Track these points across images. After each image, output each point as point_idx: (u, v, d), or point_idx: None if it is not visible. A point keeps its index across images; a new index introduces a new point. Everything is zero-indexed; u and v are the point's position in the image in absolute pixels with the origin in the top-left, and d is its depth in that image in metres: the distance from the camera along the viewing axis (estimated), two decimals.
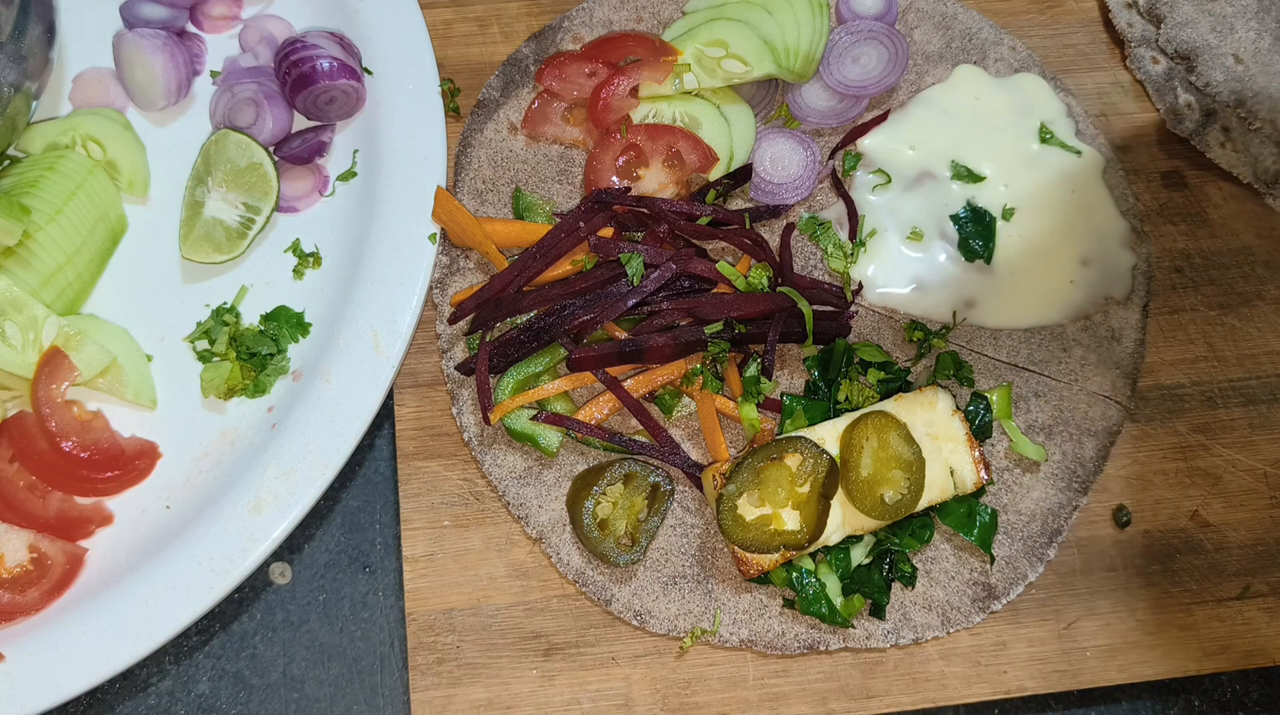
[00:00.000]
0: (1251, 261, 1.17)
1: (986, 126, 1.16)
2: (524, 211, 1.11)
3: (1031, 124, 1.16)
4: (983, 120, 1.16)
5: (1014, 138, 1.16)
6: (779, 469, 0.96)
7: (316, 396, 1.03)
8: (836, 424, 0.99)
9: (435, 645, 1.01)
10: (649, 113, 1.12)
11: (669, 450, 1.03)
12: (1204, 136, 1.19)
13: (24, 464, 1.02)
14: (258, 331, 1.08)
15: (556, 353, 1.05)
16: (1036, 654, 1.03)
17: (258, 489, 1.00)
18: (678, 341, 1.02)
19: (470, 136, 1.15)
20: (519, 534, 1.04)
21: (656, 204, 1.07)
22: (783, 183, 1.13)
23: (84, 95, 1.16)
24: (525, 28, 1.21)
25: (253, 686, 1.03)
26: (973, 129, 1.16)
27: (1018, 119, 1.16)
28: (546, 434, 1.04)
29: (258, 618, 1.05)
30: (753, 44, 1.12)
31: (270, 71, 1.15)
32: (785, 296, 1.04)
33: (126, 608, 0.97)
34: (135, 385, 1.06)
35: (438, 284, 1.10)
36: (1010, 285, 1.11)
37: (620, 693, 1.00)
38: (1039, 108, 1.17)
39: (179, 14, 1.18)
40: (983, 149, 1.15)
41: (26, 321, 1.02)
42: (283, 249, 1.12)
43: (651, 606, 1.01)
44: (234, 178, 1.11)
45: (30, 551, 1.00)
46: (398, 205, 1.09)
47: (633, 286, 1.03)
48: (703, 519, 1.04)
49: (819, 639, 1.00)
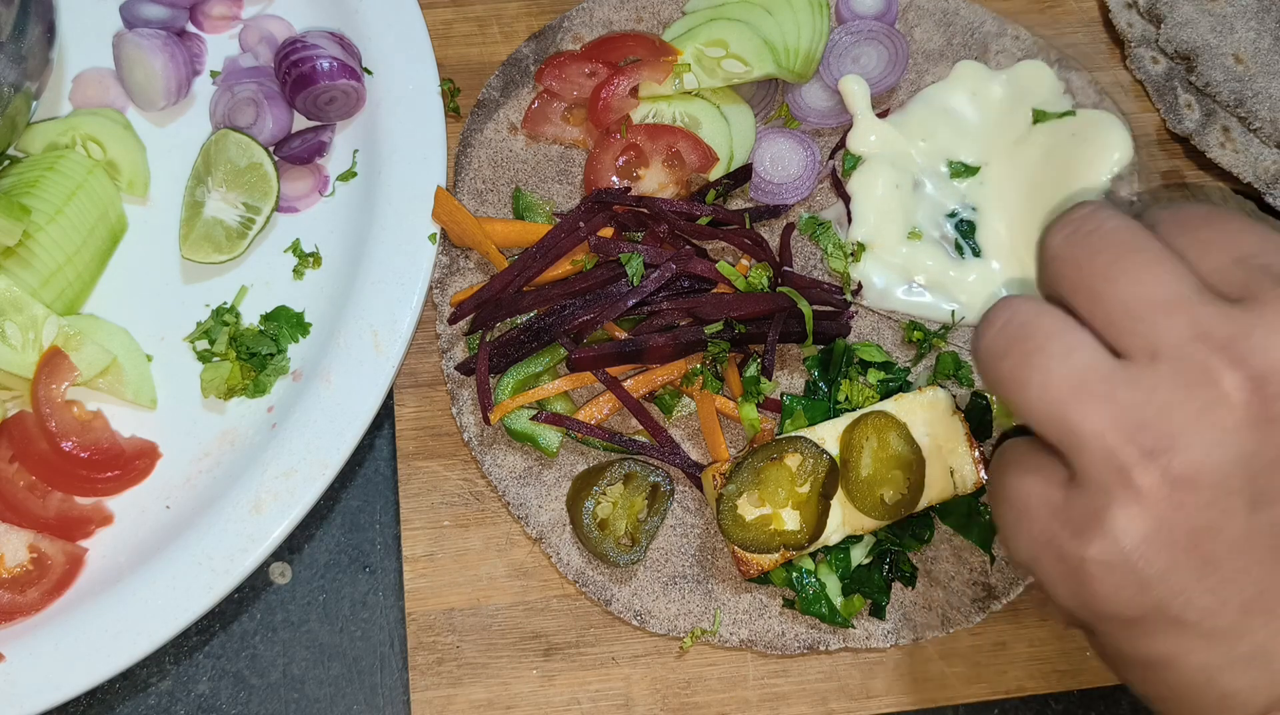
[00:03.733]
0: None
1: (983, 121, 1.15)
2: (524, 211, 1.11)
3: (1027, 110, 1.15)
4: (979, 115, 1.16)
5: (1009, 128, 1.15)
6: (779, 469, 0.96)
7: (316, 396, 1.03)
8: (836, 424, 0.99)
9: (435, 645, 1.01)
10: (649, 113, 1.12)
11: (669, 450, 1.03)
12: (1204, 136, 1.19)
13: (24, 464, 1.02)
14: (258, 331, 1.08)
15: (556, 353, 1.05)
16: (1036, 654, 1.03)
17: (258, 489, 1.00)
18: (678, 341, 1.02)
19: (470, 136, 1.15)
20: (519, 534, 1.04)
21: (656, 204, 1.07)
22: (783, 183, 1.13)
23: (84, 95, 1.16)
24: (525, 28, 1.21)
25: (253, 686, 1.03)
26: (969, 125, 1.15)
27: (1014, 108, 1.16)
28: (546, 434, 1.04)
29: (258, 618, 1.05)
30: (753, 44, 1.12)
31: (270, 71, 1.15)
32: (785, 296, 1.04)
33: (126, 608, 0.97)
34: (135, 385, 1.06)
35: (438, 284, 1.10)
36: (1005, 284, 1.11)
37: (620, 693, 1.00)
38: (1034, 92, 1.16)
39: (179, 14, 1.18)
40: (978, 145, 1.15)
41: (26, 321, 1.02)
42: (283, 249, 1.12)
43: (651, 606, 1.01)
44: (234, 178, 1.11)
45: (30, 551, 1.00)
46: (398, 205, 1.09)
47: (633, 286, 1.03)
48: (703, 519, 1.04)
49: (819, 639, 1.00)
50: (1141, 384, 0.70)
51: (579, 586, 1.02)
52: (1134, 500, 0.69)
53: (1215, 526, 0.68)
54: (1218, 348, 0.68)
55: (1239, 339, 0.68)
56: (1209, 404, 0.68)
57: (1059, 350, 0.73)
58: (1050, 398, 0.72)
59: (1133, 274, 0.72)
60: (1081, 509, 0.72)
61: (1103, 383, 0.71)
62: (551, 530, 1.02)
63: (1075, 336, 0.73)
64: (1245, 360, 0.68)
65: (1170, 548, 0.69)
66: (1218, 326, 0.69)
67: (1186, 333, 0.70)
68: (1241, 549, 0.68)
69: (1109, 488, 0.70)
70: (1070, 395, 0.72)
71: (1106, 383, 0.71)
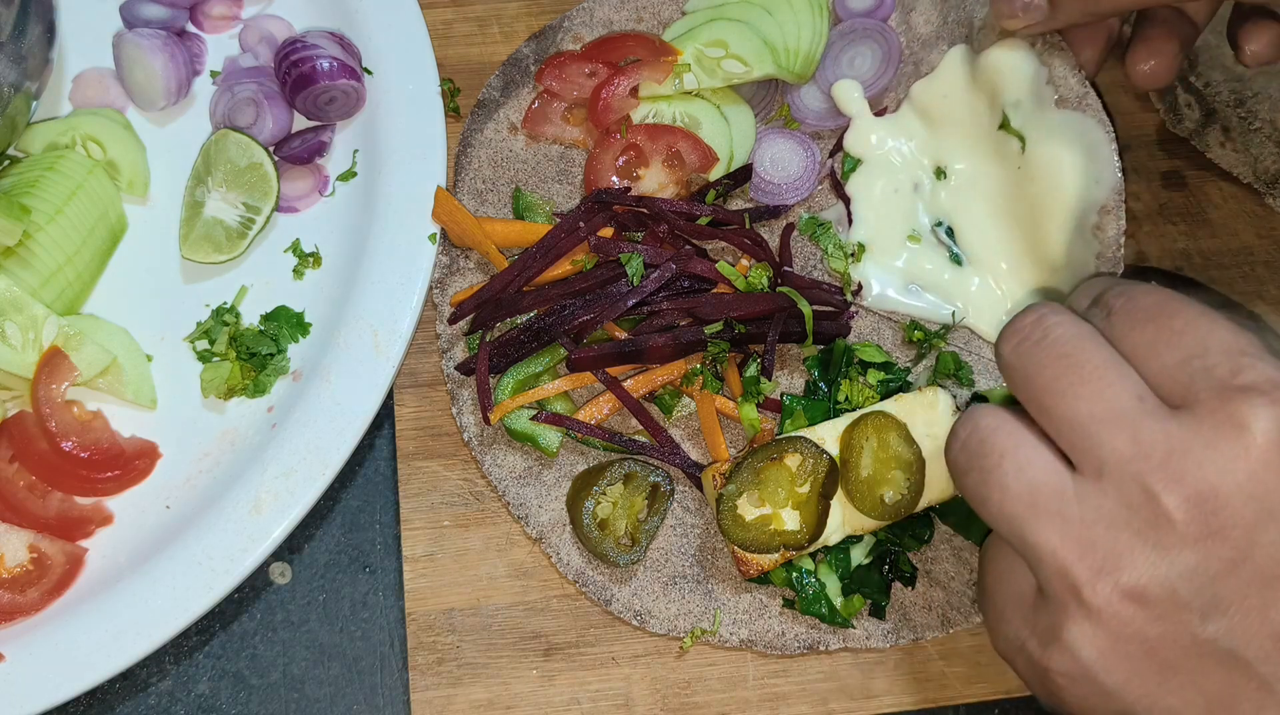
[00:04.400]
0: (1251, 261, 1.17)
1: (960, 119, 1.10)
2: (524, 211, 1.11)
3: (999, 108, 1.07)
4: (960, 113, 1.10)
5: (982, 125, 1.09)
6: (779, 469, 0.96)
7: (316, 396, 1.03)
8: (836, 424, 0.99)
9: (435, 645, 1.01)
10: (649, 113, 1.12)
11: (669, 450, 1.03)
12: (1204, 136, 1.19)
13: (24, 464, 1.02)
14: (258, 331, 1.08)
15: (556, 353, 1.05)
16: None
17: (258, 489, 1.00)
18: (678, 341, 1.02)
19: (470, 136, 1.15)
20: (519, 534, 1.04)
21: (656, 204, 1.07)
22: (783, 183, 1.13)
23: (84, 95, 1.16)
24: (525, 28, 1.21)
25: (253, 686, 1.03)
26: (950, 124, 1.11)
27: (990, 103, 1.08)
28: (546, 434, 1.04)
29: (258, 618, 1.05)
30: (753, 44, 1.12)
31: (270, 71, 1.15)
32: (785, 296, 1.04)
33: (126, 608, 0.97)
34: (135, 385, 1.06)
35: (438, 284, 1.10)
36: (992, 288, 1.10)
37: (620, 693, 1.00)
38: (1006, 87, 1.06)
39: (179, 14, 1.18)
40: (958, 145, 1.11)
41: (26, 321, 1.02)
42: (283, 249, 1.12)
43: (651, 606, 1.01)
44: (234, 178, 1.11)
45: (30, 551, 1.00)
46: (398, 205, 1.09)
47: (633, 286, 1.03)
48: (703, 519, 1.04)
49: (819, 639, 1.00)
50: (1089, 501, 0.74)
51: (579, 586, 1.02)
52: (1087, 616, 0.73)
53: (1170, 636, 0.71)
54: (1157, 466, 0.71)
55: (1177, 456, 0.71)
56: (1151, 522, 0.71)
57: (1013, 467, 0.77)
58: (1008, 514, 0.76)
59: (1076, 388, 0.75)
60: (1045, 620, 0.76)
61: (1054, 500, 0.75)
62: (551, 530, 1.02)
63: (1028, 453, 0.77)
64: (1183, 479, 0.71)
65: (1128, 659, 0.72)
66: (1157, 443, 0.72)
67: (1128, 450, 0.72)
68: (1199, 655, 0.71)
69: (1065, 604, 0.74)
70: (1025, 512, 0.75)
71: (1057, 500, 0.75)
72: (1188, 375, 0.73)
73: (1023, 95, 1.05)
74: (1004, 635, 0.81)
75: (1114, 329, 0.78)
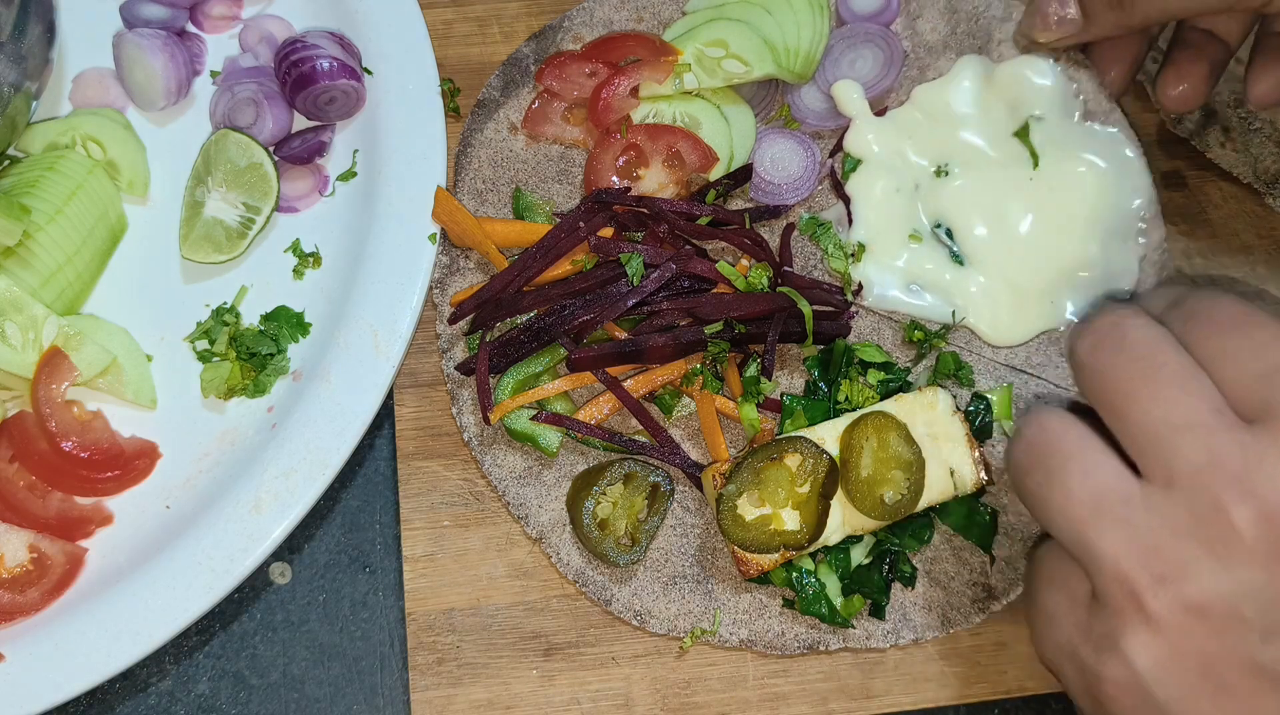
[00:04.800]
0: (1251, 261, 1.17)
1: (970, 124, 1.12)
2: (524, 211, 1.11)
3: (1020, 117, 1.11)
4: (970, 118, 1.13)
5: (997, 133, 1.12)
6: (779, 469, 0.96)
7: (316, 396, 1.03)
8: (836, 424, 0.99)
9: (435, 645, 1.01)
10: (649, 113, 1.12)
11: (669, 450, 1.03)
12: (1204, 136, 1.19)
13: (24, 464, 1.02)
14: (258, 331, 1.08)
15: (556, 353, 1.05)
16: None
17: (258, 489, 1.00)
18: (678, 341, 1.02)
19: (470, 136, 1.15)
20: (519, 534, 1.04)
21: (656, 204, 1.07)
22: (783, 183, 1.13)
23: (84, 95, 1.16)
24: (525, 28, 1.21)
25: (253, 686, 1.03)
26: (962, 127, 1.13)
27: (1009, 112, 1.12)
28: (546, 434, 1.04)
29: (258, 618, 1.05)
30: (753, 44, 1.12)
31: (270, 71, 1.15)
32: (785, 296, 1.04)
33: (126, 608, 0.97)
34: (135, 385, 1.06)
35: (438, 284, 1.10)
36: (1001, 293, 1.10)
37: (620, 693, 1.00)
38: (1031, 99, 1.11)
39: (179, 14, 1.18)
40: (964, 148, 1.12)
41: (26, 321, 1.02)
42: (283, 249, 1.12)
43: (651, 606, 1.01)
44: (234, 178, 1.11)
45: (30, 551, 1.00)
46: (398, 205, 1.09)
47: (633, 286, 1.03)
48: (703, 519, 1.04)
49: (819, 639, 1.00)
50: (1156, 510, 0.72)
51: (579, 586, 1.02)
52: (1145, 625, 0.71)
53: (1228, 654, 0.70)
54: (1231, 478, 0.70)
55: (1252, 469, 0.69)
56: (1219, 536, 0.70)
57: (1079, 470, 0.75)
58: (1070, 517, 0.75)
59: (1152, 393, 0.74)
60: (1101, 627, 0.74)
61: (1120, 506, 0.73)
62: (551, 530, 1.02)
63: (1095, 457, 0.76)
64: (1255, 492, 0.69)
65: (1183, 673, 0.71)
66: (1231, 455, 0.70)
67: (1201, 459, 0.71)
68: (1256, 676, 0.69)
69: (1123, 611, 0.72)
70: (1089, 516, 0.74)
71: (1124, 506, 0.73)
72: (1267, 388, 0.72)
73: (1047, 107, 1.11)
74: (1053, 640, 0.79)
75: (1192, 335, 0.76)
